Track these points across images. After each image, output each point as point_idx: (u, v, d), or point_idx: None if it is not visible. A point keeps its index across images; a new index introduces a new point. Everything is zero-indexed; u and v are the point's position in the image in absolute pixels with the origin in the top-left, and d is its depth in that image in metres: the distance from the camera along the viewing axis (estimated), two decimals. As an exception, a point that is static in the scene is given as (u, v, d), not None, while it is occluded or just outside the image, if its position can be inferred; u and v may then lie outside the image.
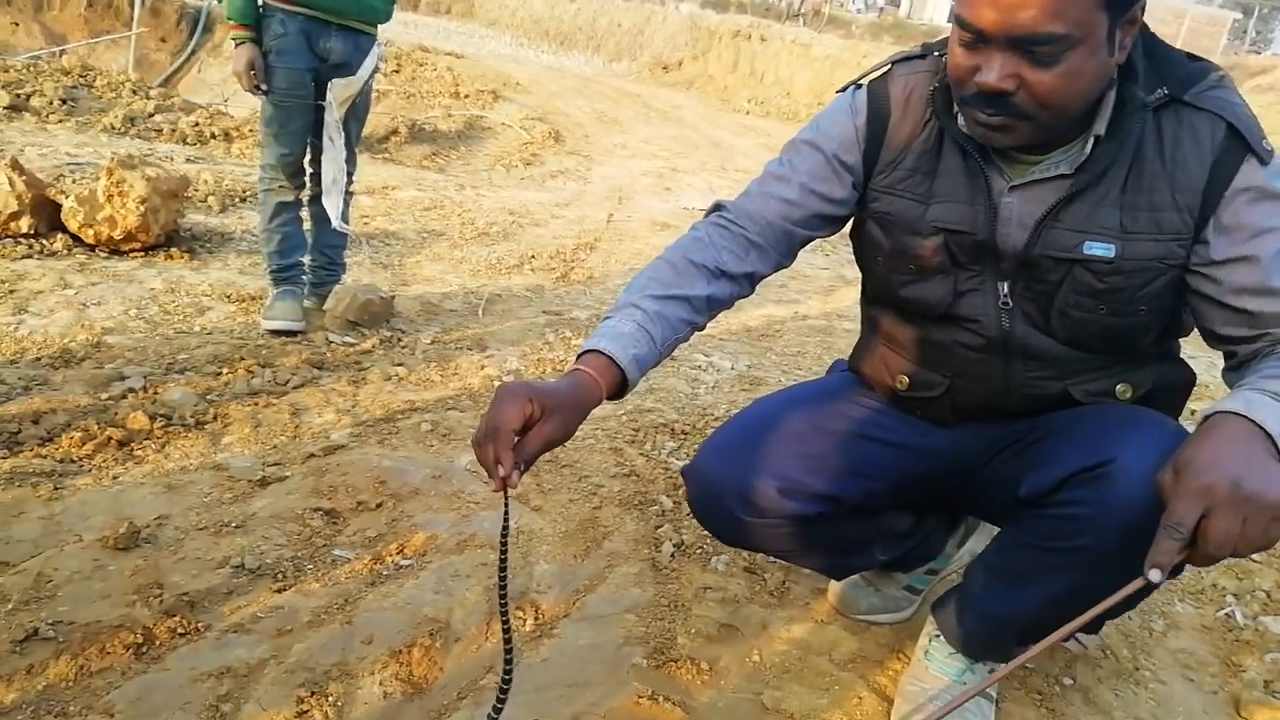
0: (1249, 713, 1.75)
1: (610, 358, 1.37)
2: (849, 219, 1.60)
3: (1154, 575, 1.09)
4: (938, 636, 1.68)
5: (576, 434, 1.30)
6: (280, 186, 3.23)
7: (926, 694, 1.62)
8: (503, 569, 1.27)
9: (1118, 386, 1.47)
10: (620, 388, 1.40)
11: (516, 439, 1.21)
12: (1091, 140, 1.32)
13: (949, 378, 1.55)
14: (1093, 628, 1.60)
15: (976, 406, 1.56)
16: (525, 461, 1.22)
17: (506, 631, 1.28)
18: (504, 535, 1.27)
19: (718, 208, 1.59)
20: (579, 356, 1.39)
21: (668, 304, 1.46)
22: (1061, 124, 1.30)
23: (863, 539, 1.73)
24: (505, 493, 1.19)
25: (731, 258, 1.53)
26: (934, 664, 1.66)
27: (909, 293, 1.52)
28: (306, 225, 3.42)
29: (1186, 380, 1.55)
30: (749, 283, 1.58)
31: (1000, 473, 1.54)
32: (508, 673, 1.26)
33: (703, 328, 1.57)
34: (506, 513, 1.26)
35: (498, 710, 1.23)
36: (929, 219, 1.45)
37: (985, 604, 1.55)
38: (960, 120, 1.39)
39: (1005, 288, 1.44)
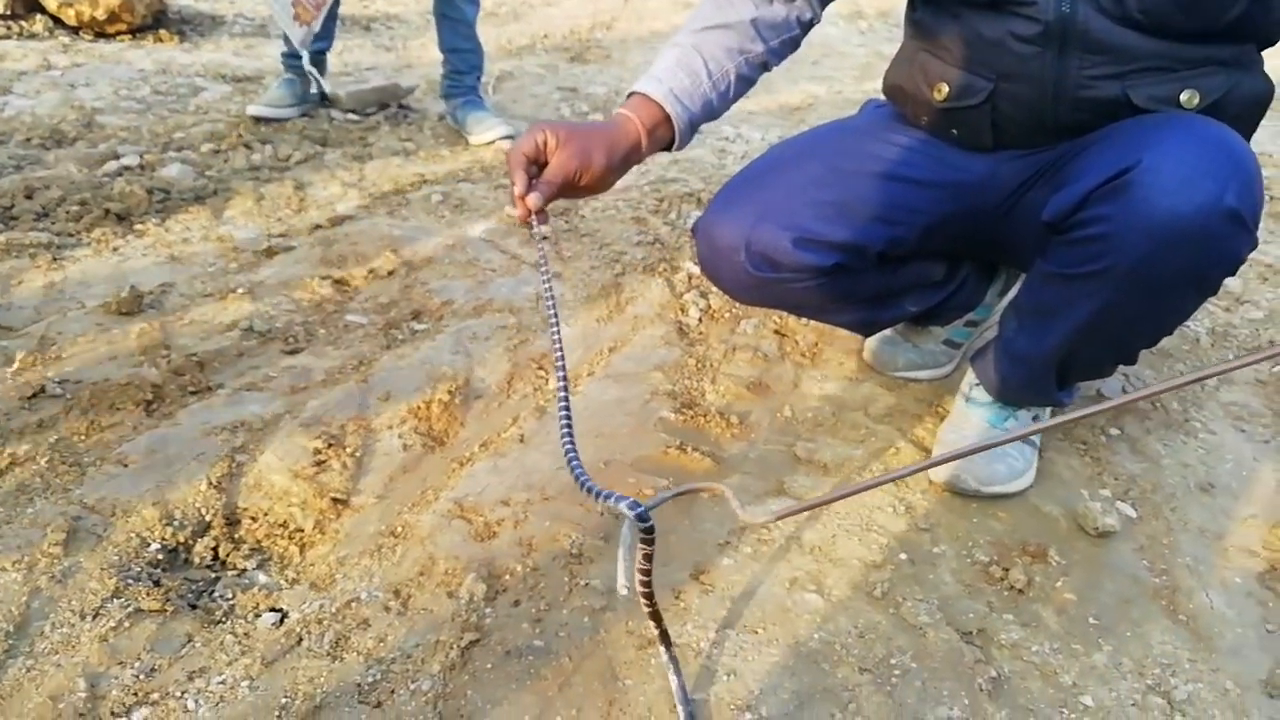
0: (1303, 459, 1.68)
1: (644, 95, 1.31)
2: None
3: None
4: (978, 385, 1.59)
5: (596, 202, 1.25)
6: None
7: (966, 441, 1.54)
8: (551, 300, 1.18)
9: (1183, 94, 1.28)
10: (666, 126, 1.33)
11: (534, 168, 1.21)
12: None
13: (993, 80, 1.36)
14: (1129, 359, 1.49)
15: (1020, 120, 1.38)
16: (547, 186, 1.19)
17: (560, 365, 1.15)
18: (543, 264, 1.22)
19: None
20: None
21: (707, 34, 1.38)
22: None
23: (891, 290, 1.60)
24: (533, 224, 1.18)
25: None
26: (974, 411, 1.58)
27: None
28: None
29: (1264, 93, 1.35)
30: (807, 1, 1.42)
31: (1032, 203, 1.39)
32: (564, 400, 1.16)
33: (765, 60, 1.44)
34: (541, 249, 1.22)
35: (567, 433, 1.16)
36: None
37: (1016, 345, 1.45)
38: None
39: None
